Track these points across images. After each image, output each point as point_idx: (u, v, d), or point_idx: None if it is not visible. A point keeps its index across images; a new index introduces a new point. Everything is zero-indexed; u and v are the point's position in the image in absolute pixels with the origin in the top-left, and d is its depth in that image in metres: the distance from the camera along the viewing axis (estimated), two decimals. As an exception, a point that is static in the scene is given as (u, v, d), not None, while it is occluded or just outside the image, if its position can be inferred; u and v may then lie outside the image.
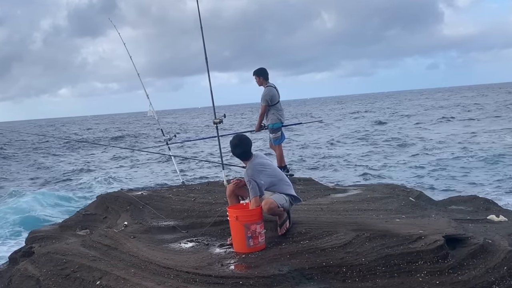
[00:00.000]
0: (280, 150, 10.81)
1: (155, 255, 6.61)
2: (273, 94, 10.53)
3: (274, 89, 10.60)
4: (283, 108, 10.87)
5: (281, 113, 10.68)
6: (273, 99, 10.51)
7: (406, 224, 6.95)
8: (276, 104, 10.59)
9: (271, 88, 10.58)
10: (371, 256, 5.97)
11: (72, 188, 24.57)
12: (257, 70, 10.73)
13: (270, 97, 10.47)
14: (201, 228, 7.65)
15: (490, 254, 6.20)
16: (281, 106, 10.73)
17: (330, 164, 25.98)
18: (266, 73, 10.67)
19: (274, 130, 10.65)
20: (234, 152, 6.92)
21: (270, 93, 10.51)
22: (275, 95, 10.55)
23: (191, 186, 10.58)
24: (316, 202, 8.62)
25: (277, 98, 10.58)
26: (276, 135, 10.68)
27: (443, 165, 23.10)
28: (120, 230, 7.84)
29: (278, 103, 10.62)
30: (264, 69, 10.72)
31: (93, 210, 9.72)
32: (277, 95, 10.58)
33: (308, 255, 6.11)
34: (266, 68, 10.73)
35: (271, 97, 10.49)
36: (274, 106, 10.56)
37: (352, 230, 6.56)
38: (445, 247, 6.06)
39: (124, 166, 31.87)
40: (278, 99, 10.59)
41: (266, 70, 10.71)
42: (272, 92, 10.53)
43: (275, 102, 10.55)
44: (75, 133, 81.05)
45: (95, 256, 6.71)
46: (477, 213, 8.97)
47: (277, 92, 10.61)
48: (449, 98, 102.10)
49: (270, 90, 10.55)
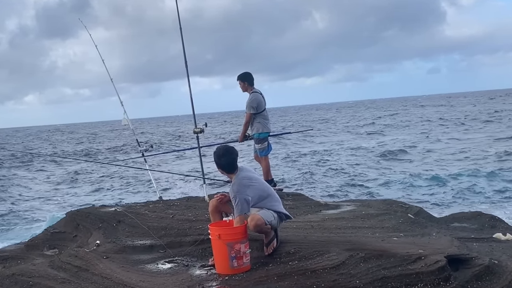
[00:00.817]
0: (266, 162, 10.78)
1: (130, 277, 6.58)
2: (259, 101, 10.52)
3: (260, 96, 10.60)
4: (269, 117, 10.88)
5: (267, 122, 10.67)
6: (259, 106, 10.50)
7: (404, 243, 6.97)
8: (263, 112, 10.58)
9: (256, 94, 10.57)
10: (366, 278, 5.97)
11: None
12: (241, 74, 10.71)
13: (256, 104, 10.47)
14: (180, 247, 7.63)
15: (496, 276, 6.22)
16: (267, 114, 10.72)
17: (321, 178, 25.97)
18: (251, 78, 10.65)
19: (260, 140, 10.63)
20: (219, 164, 6.91)
21: (256, 100, 10.50)
22: (261, 102, 10.54)
23: (169, 202, 10.53)
24: (306, 219, 8.63)
25: (263, 106, 10.57)
26: (262, 145, 10.67)
27: (443, 179, 23.16)
28: (92, 249, 7.80)
29: (264, 111, 10.61)
30: (249, 74, 10.71)
31: (62, 227, 9.64)
32: (263, 102, 10.58)
33: (297, 277, 6.10)
34: (251, 73, 10.73)
35: (257, 104, 10.48)
36: (260, 114, 10.55)
37: (346, 250, 6.56)
38: (447, 268, 6.07)
39: (94, 181, 31.70)
40: (264, 107, 10.59)
41: (251, 75, 10.69)
42: (258, 99, 10.52)
43: (261, 110, 10.54)
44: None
45: (65, 278, 6.68)
46: (482, 231, 9.01)
47: (263, 98, 10.61)
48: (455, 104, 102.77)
49: (255, 96, 10.54)
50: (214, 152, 6.91)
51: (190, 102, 10.05)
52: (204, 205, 9.39)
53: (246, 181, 6.70)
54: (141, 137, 58.15)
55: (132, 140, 28.13)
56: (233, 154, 6.84)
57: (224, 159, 6.82)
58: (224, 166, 6.88)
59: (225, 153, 6.83)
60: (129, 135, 53.46)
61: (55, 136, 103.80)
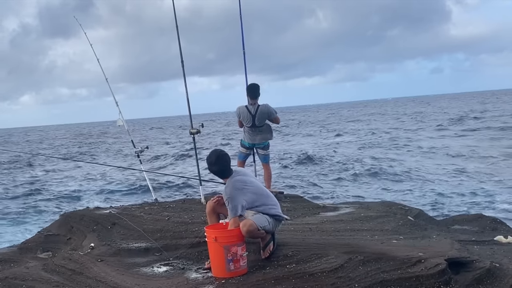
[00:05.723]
0: (269, 170, 10.83)
1: (125, 280, 6.58)
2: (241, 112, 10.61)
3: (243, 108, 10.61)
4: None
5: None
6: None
7: (404, 246, 6.97)
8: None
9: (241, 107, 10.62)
10: (365, 282, 5.97)
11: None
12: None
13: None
14: (176, 250, 7.63)
15: (497, 279, 6.22)
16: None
17: (320, 179, 25.96)
18: (248, 90, 10.56)
19: (266, 147, 10.69)
20: (211, 170, 6.92)
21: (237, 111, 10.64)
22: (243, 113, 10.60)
23: (165, 204, 10.54)
24: (304, 222, 8.63)
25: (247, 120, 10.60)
26: (267, 151, 10.72)
27: (444, 181, 23.16)
28: (86, 252, 7.80)
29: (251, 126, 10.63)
30: (248, 87, 10.60)
31: (55, 230, 9.64)
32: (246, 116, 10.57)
33: (295, 280, 6.09)
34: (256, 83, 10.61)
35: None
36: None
37: (344, 253, 6.57)
38: (448, 271, 6.08)
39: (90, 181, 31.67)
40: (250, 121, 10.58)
41: (250, 87, 10.55)
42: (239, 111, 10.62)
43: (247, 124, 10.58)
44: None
45: (58, 282, 6.67)
46: (483, 233, 9.01)
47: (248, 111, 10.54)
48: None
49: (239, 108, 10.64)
50: (207, 158, 6.90)
51: (187, 102, 10.06)
52: (200, 207, 9.40)
53: (239, 184, 6.69)
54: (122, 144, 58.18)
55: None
56: (224, 161, 6.82)
57: (215, 167, 6.81)
58: (216, 173, 6.89)
59: (216, 160, 6.80)
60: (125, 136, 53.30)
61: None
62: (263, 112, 10.42)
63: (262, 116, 10.43)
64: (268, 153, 10.75)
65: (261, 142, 10.62)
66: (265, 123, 10.56)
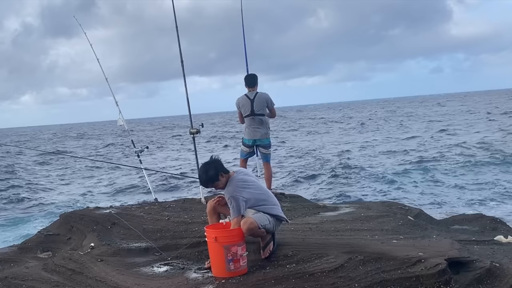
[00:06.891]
0: (270, 169, 10.81)
1: (125, 280, 6.57)
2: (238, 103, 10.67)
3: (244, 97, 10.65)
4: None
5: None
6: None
7: (404, 246, 6.97)
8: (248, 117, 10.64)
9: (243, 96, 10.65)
10: (365, 282, 5.97)
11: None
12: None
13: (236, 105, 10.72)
14: (176, 250, 7.62)
15: (497, 279, 6.22)
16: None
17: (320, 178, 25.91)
18: (246, 79, 10.68)
19: (267, 146, 10.69)
20: (202, 183, 7.00)
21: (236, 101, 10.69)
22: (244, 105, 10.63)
23: (165, 204, 10.53)
24: (304, 221, 8.62)
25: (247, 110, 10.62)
26: (268, 150, 10.71)
27: (445, 181, 23.14)
28: (86, 252, 7.80)
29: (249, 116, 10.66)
30: (246, 77, 10.74)
31: (55, 230, 9.63)
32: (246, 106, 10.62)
33: (295, 280, 6.09)
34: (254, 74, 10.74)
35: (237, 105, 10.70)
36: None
37: (344, 253, 6.57)
38: (448, 271, 6.08)
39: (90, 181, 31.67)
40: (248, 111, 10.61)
41: (247, 76, 10.71)
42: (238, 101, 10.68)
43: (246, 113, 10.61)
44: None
45: (58, 282, 6.67)
46: (483, 233, 9.02)
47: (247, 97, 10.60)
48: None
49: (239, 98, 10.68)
50: (198, 176, 6.98)
51: (187, 102, 10.07)
52: (200, 207, 9.39)
53: (241, 183, 6.70)
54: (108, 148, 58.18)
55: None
56: (210, 173, 6.74)
57: (204, 178, 6.80)
58: (207, 184, 6.92)
59: (201, 175, 6.81)
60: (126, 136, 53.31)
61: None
62: (261, 98, 10.50)
63: (260, 102, 10.48)
64: (269, 152, 10.74)
65: (262, 139, 10.61)
66: (264, 118, 10.61)
